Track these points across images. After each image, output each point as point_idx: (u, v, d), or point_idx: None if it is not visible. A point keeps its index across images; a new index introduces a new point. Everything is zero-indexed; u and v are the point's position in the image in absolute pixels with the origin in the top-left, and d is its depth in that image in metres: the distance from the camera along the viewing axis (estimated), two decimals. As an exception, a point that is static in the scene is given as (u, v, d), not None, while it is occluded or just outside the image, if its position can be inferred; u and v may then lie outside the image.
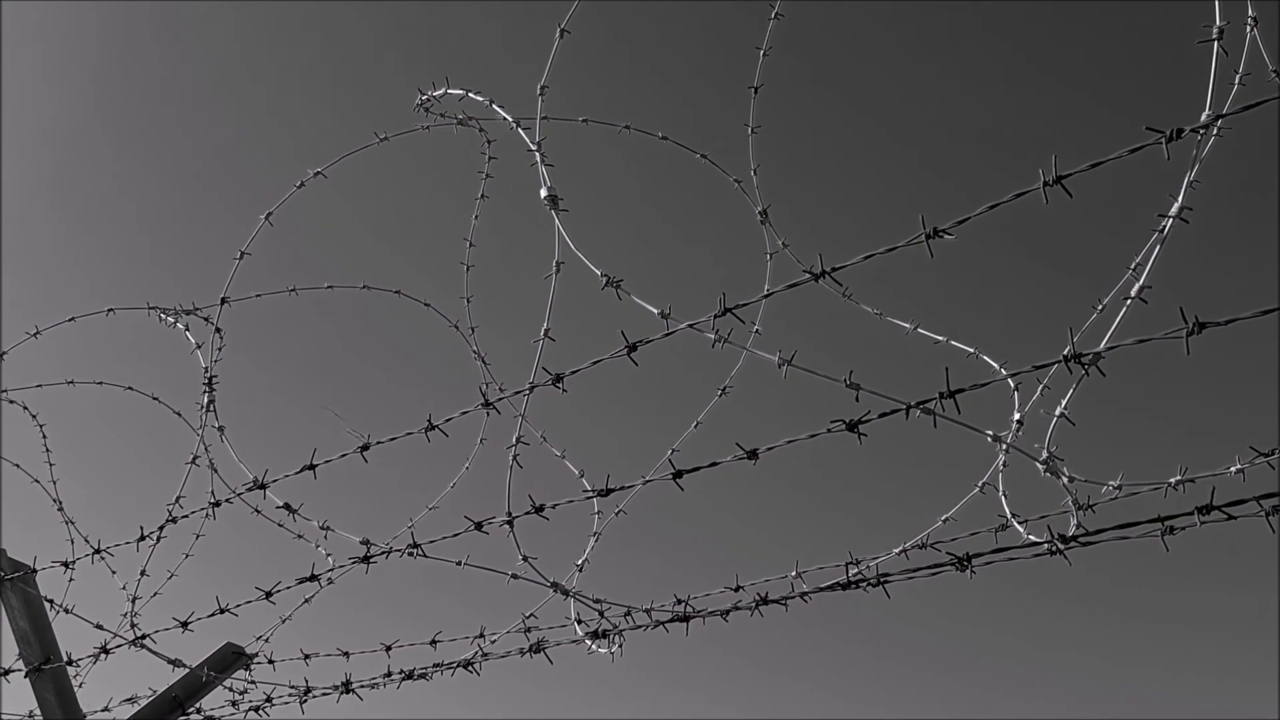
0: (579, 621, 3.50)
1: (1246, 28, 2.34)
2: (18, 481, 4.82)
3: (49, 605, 3.98)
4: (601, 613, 3.22)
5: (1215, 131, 2.15)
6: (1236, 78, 2.40)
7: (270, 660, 3.92)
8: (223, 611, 3.47)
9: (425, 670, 3.35)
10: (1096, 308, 2.69)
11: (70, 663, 3.86)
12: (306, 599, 4.01)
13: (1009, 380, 2.71)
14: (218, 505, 3.46)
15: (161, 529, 3.61)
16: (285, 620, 4.08)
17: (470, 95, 3.05)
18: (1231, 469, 2.42)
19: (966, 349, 2.95)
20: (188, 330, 3.78)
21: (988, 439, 2.47)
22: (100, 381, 4.69)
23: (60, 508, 4.83)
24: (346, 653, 3.81)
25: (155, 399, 4.65)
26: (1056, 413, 2.43)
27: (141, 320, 4.41)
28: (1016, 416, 2.80)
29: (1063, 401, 2.44)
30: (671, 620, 3.07)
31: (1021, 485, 3.14)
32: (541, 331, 2.83)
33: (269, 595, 3.39)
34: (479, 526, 3.04)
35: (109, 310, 4.04)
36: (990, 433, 2.46)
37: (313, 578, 3.32)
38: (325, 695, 3.52)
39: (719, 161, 3.80)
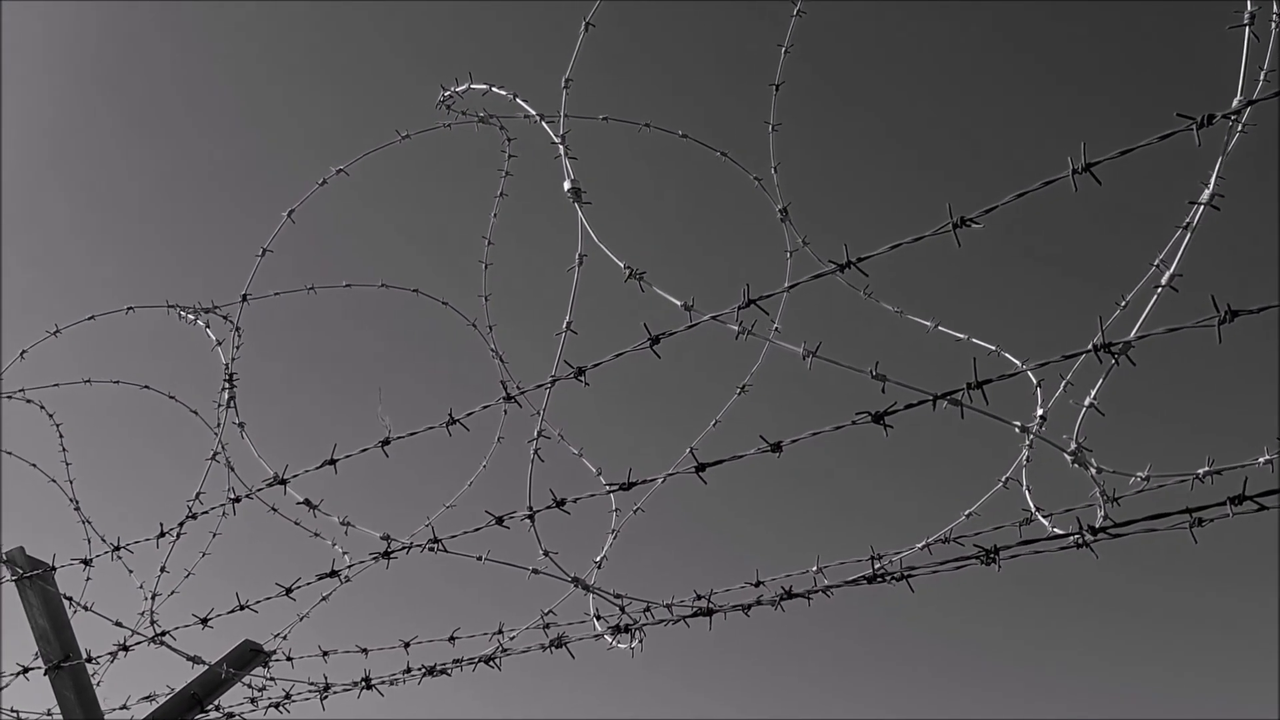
0: (598, 617, 3.49)
1: (1272, 23, 2.33)
2: (35, 480, 4.83)
3: (68, 603, 3.99)
4: (622, 608, 3.21)
5: (1244, 118, 2.14)
6: (1261, 73, 2.39)
7: (289, 658, 3.92)
8: (243, 608, 3.47)
9: (446, 666, 3.34)
10: (1120, 302, 2.68)
11: (89, 660, 3.86)
12: (324, 596, 4.01)
13: (1031, 375, 2.71)
14: (237, 501, 3.46)
15: (181, 525, 3.61)
16: (303, 618, 4.08)
17: (494, 90, 3.05)
18: (1260, 460, 2.40)
19: (988, 346, 2.94)
20: (208, 328, 3.79)
21: (1015, 429, 2.46)
22: (117, 380, 4.70)
23: (77, 506, 4.84)
24: (365, 649, 3.80)
25: (172, 397, 4.66)
26: (1085, 403, 2.42)
27: (159, 319, 4.42)
28: (1040, 412, 2.78)
29: (1092, 392, 2.42)
30: (693, 615, 3.06)
31: (1045, 480, 3.12)
32: (564, 325, 2.83)
33: (289, 591, 3.39)
34: (500, 521, 3.04)
35: (128, 309, 4.05)
36: (1018, 424, 2.45)
37: (333, 573, 3.32)
38: (345, 691, 3.52)
39: (739, 159, 3.79)
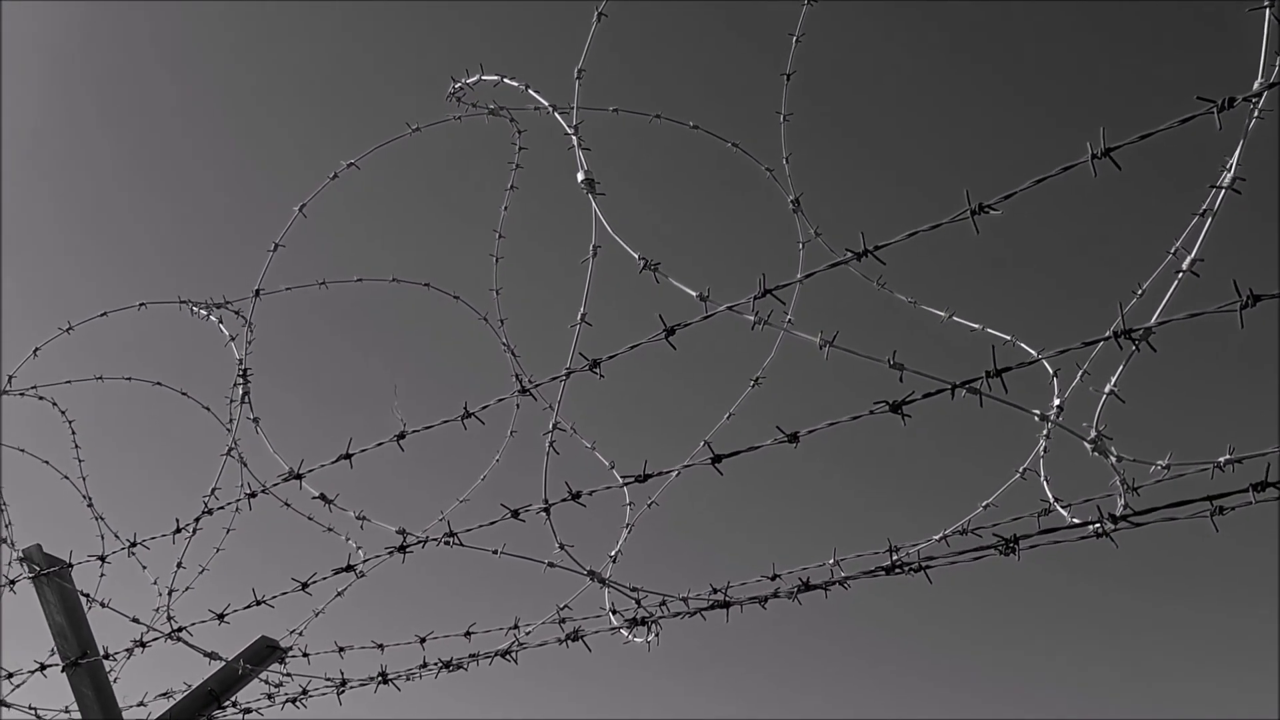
0: (613, 611, 3.48)
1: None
2: (49, 477, 4.84)
3: (85, 600, 4.00)
4: (638, 601, 3.20)
5: (1260, 103, 2.11)
6: (1278, 62, 2.37)
7: (305, 654, 3.92)
8: (259, 603, 3.47)
9: (462, 661, 3.34)
10: (1137, 290, 2.65)
11: (107, 656, 3.87)
12: (340, 592, 4.01)
13: (1047, 365, 2.69)
14: (253, 496, 3.46)
15: (197, 521, 3.62)
16: (319, 614, 4.08)
17: (505, 81, 3.04)
18: (1283, 447, 2.37)
19: (1003, 336, 2.92)
20: (221, 323, 3.79)
21: (1034, 418, 2.44)
22: (129, 377, 4.70)
23: (90, 504, 4.85)
24: (381, 645, 3.80)
25: (184, 394, 4.67)
26: (1105, 390, 2.40)
27: (170, 316, 4.42)
28: (1057, 402, 2.76)
29: (1112, 379, 2.40)
30: (709, 608, 3.04)
31: (1062, 471, 3.10)
32: (578, 316, 2.82)
33: (305, 586, 3.39)
34: (515, 514, 3.03)
35: (140, 305, 4.05)
36: (1037, 412, 2.43)
37: (349, 568, 3.32)
38: (362, 686, 3.52)
39: (750, 150, 3.77)
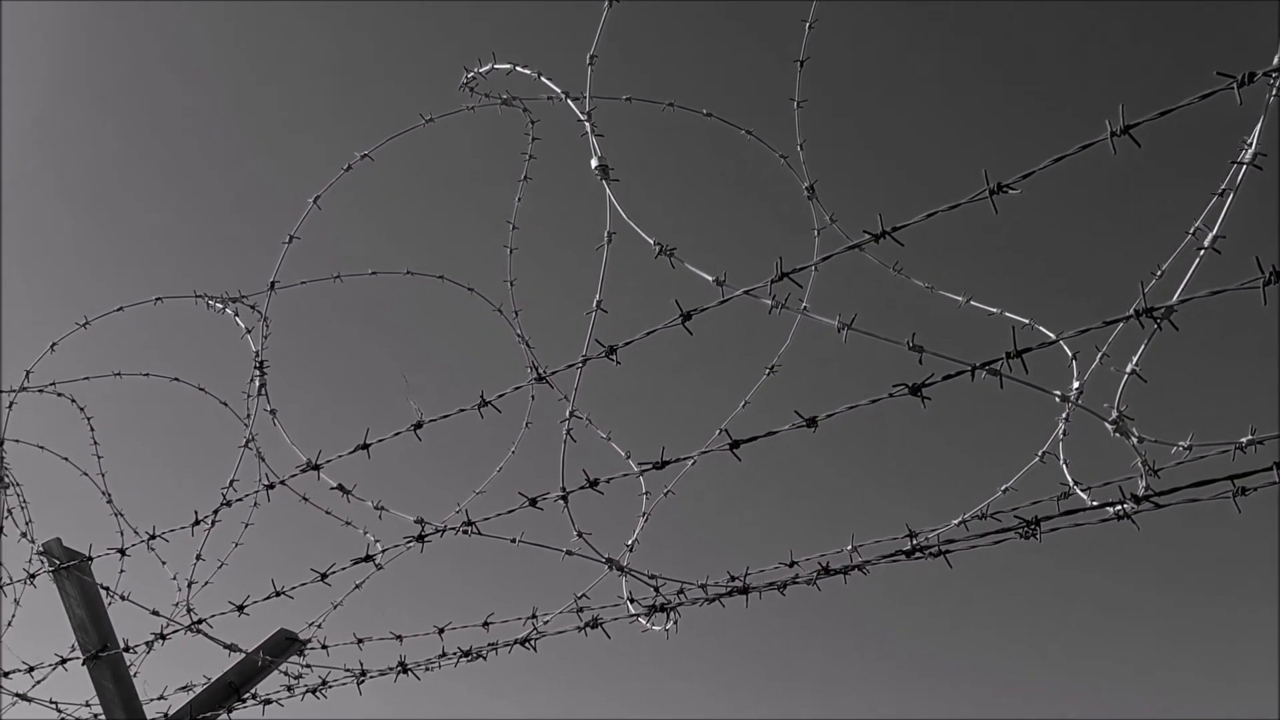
0: (631, 600, 3.48)
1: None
2: (68, 473, 4.87)
3: (105, 593, 4.02)
4: (657, 589, 3.20)
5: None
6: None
7: (324, 645, 3.93)
8: (278, 594, 3.48)
9: (482, 650, 3.34)
10: (1156, 271, 2.63)
11: (127, 649, 3.89)
12: (358, 584, 4.02)
13: (1065, 347, 2.67)
14: (271, 487, 3.48)
15: (216, 513, 3.63)
16: (338, 606, 4.09)
17: (518, 69, 3.04)
18: (1307, 426, 2.35)
19: (1021, 320, 2.90)
20: (237, 316, 3.80)
21: (1055, 398, 2.43)
22: (147, 373, 4.73)
23: (109, 500, 4.88)
24: (400, 636, 3.81)
25: (201, 389, 4.69)
26: (1127, 370, 2.38)
27: (186, 312, 4.44)
28: (1076, 384, 2.75)
29: (1133, 359, 2.38)
30: (728, 594, 3.04)
31: (1080, 454, 3.09)
32: (594, 304, 2.81)
33: (324, 577, 3.40)
34: (533, 502, 3.03)
35: (157, 299, 4.07)
36: (1058, 392, 2.42)
37: (368, 558, 3.33)
38: (382, 676, 3.53)
39: (764, 137, 3.76)
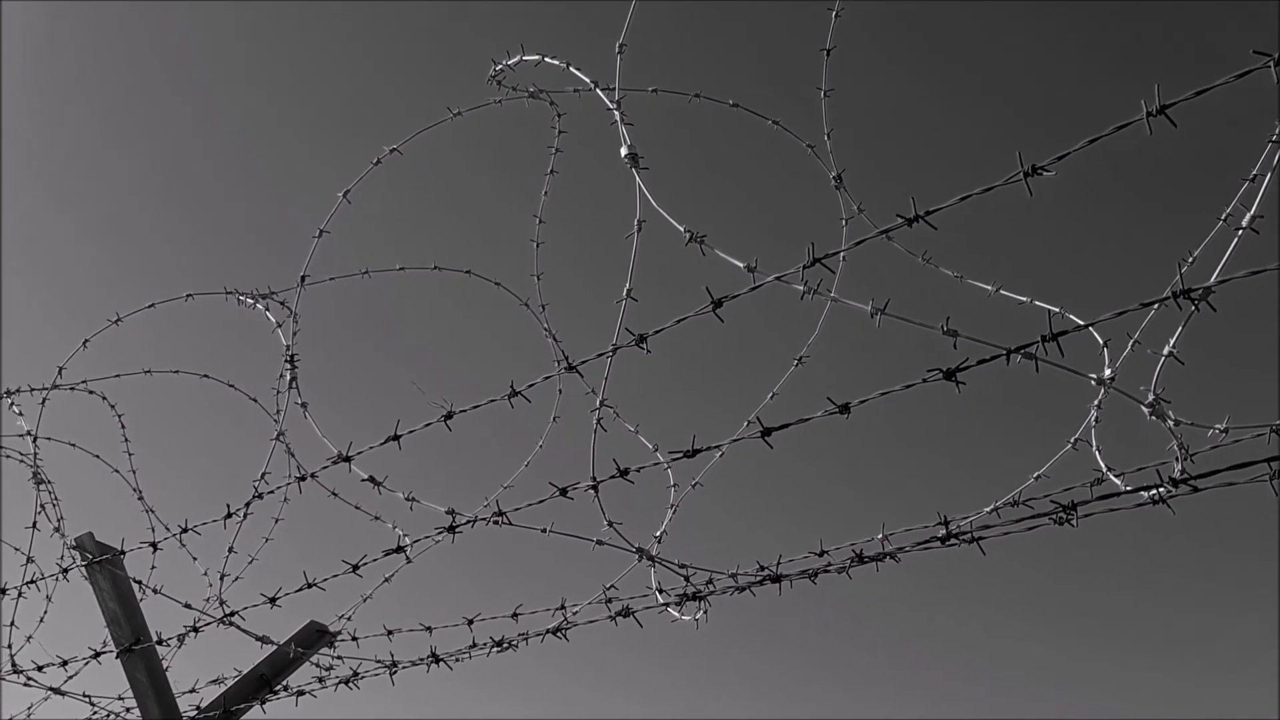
0: (660, 590, 3.49)
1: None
2: (99, 469, 4.91)
3: (137, 587, 4.06)
4: (687, 578, 3.20)
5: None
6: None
7: (354, 637, 3.96)
8: (310, 586, 3.51)
9: (513, 640, 3.35)
10: (1188, 257, 2.61)
11: (160, 642, 3.93)
12: (387, 577, 4.04)
13: (1096, 335, 2.65)
14: (303, 480, 3.50)
15: (248, 506, 3.66)
16: (367, 598, 4.12)
17: (546, 60, 3.05)
18: (1346, 408, 2.34)
19: (1051, 308, 2.89)
20: (268, 311, 3.82)
21: (1091, 382, 2.41)
22: (177, 370, 4.77)
23: (140, 496, 4.92)
24: (429, 627, 3.83)
25: (231, 385, 4.72)
26: (1164, 352, 2.37)
27: (215, 308, 4.47)
28: (1108, 371, 2.73)
29: (1170, 340, 2.37)
30: (759, 583, 3.04)
31: (1111, 441, 3.07)
32: (623, 292, 2.82)
33: (356, 569, 3.42)
34: (564, 492, 3.04)
35: (188, 296, 4.10)
36: (1094, 376, 2.40)
37: (399, 549, 3.34)
38: (414, 667, 3.55)
39: (790, 127, 3.76)
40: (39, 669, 4.15)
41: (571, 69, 2.98)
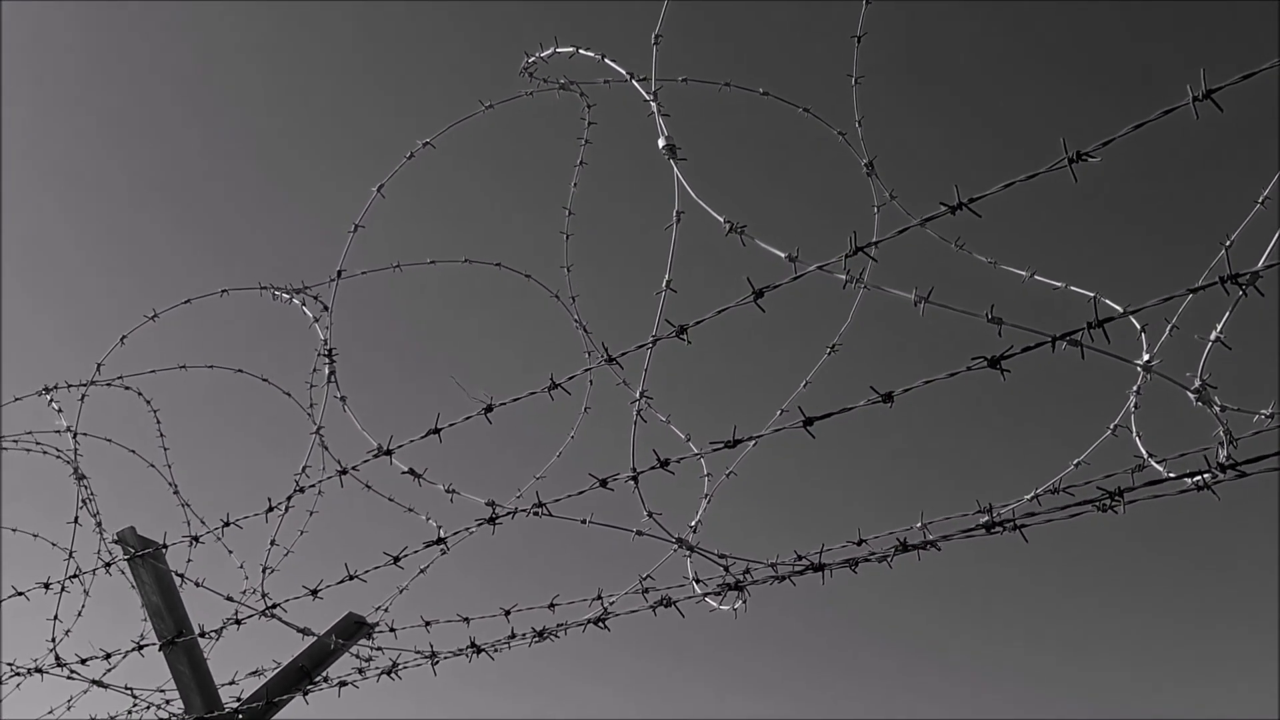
0: (697, 580, 3.50)
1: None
2: (135, 464, 4.96)
3: (179, 580, 4.10)
4: (726, 568, 3.21)
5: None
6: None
7: (391, 629, 3.99)
8: (352, 578, 3.54)
9: (554, 630, 3.38)
10: (1225, 241, 2.60)
11: (203, 634, 3.97)
12: (422, 569, 4.07)
13: (1134, 321, 2.65)
14: (344, 473, 3.53)
15: (289, 499, 3.69)
16: (403, 590, 4.15)
17: (581, 52, 3.05)
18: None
19: (1086, 293, 2.87)
20: (305, 306, 3.85)
21: (1137, 368, 2.41)
22: (211, 365, 4.81)
23: (175, 490, 4.97)
24: (467, 618, 3.86)
25: (265, 380, 4.76)
26: (1212, 337, 2.35)
27: (249, 304, 4.50)
28: (1146, 357, 2.72)
29: (1218, 326, 2.36)
30: (801, 573, 3.05)
31: (1153, 428, 3.06)
32: (663, 283, 2.82)
33: (397, 560, 3.45)
34: (604, 483, 3.06)
35: (223, 291, 4.14)
36: (1140, 361, 2.40)
37: (439, 540, 3.37)
38: (455, 657, 3.57)
39: (820, 115, 3.75)
40: (82, 662, 4.20)
41: (607, 60, 2.99)
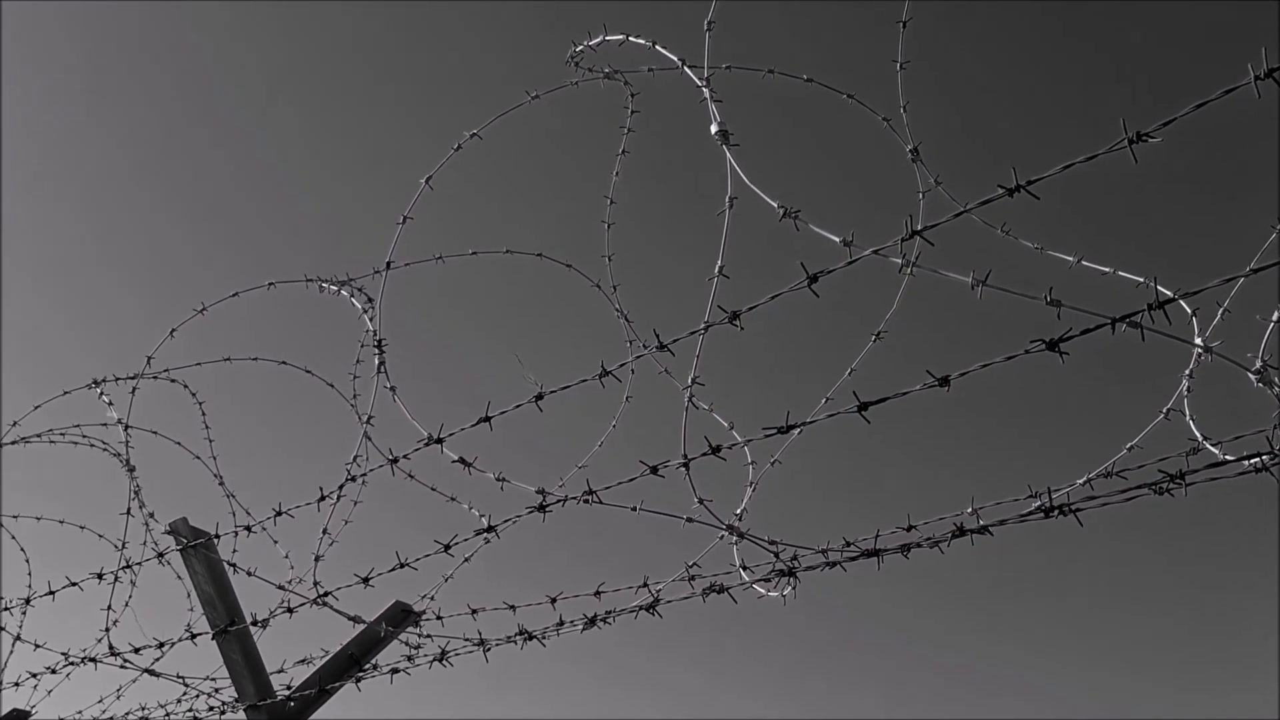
0: (744, 568, 3.51)
1: None
2: (181, 456, 5.03)
3: (230, 569, 4.16)
4: (776, 554, 3.22)
5: None
6: None
7: (438, 617, 4.03)
8: (403, 566, 3.58)
9: (605, 616, 3.40)
10: (1276, 225, 2.58)
11: (254, 623, 4.03)
12: (467, 558, 4.11)
13: (1185, 305, 2.63)
14: (394, 462, 3.57)
15: (340, 488, 3.74)
16: (448, 578, 4.20)
17: (631, 40, 3.06)
18: None
19: (1136, 279, 2.86)
20: (353, 298, 3.89)
21: (1197, 350, 2.40)
22: (255, 357, 4.86)
23: (221, 482, 5.03)
24: (513, 606, 3.89)
25: (308, 372, 4.81)
26: (1274, 318, 2.34)
27: (294, 297, 4.55)
28: (1199, 340, 2.70)
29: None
30: (855, 559, 3.05)
31: (1206, 411, 3.04)
32: (715, 269, 2.83)
33: (448, 548, 3.49)
34: (654, 470, 3.07)
35: (270, 284, 4.18)
36: (1199, 343, 2.39)
37: (489, 529, 3.40)
38: (506, 644, 3.61)
39: (865, 101, 3.74)
40: (135, 650, 4.27)
41: (658, 47, 2.99)
